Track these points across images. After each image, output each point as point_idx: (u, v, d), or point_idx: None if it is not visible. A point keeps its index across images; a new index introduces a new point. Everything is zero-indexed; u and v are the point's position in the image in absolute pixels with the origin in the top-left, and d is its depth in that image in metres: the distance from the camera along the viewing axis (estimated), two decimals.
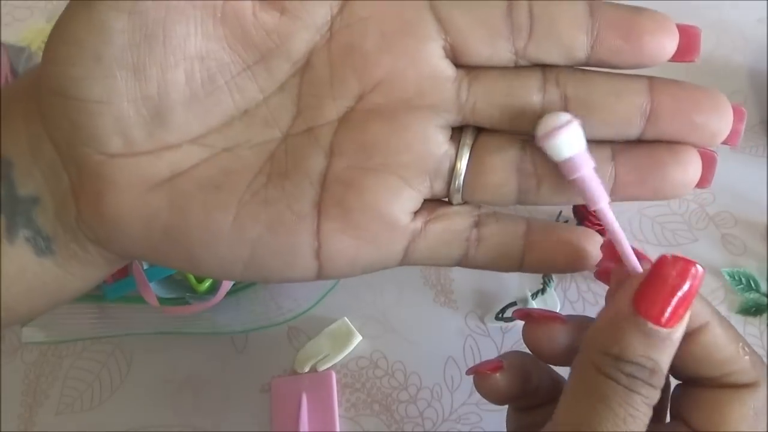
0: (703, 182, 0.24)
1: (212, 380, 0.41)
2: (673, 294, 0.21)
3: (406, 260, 0.25)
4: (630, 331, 0.21)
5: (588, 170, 0.22)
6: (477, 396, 0.39)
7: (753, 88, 0.45)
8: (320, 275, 0.24)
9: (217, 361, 0.41)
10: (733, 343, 0.22)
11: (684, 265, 0.21)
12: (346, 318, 0.41)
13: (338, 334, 0.40)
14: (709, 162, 0.24)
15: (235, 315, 0.41)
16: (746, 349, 0.23)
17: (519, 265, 0.25)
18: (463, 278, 0.42)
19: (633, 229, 0.42)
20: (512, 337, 0.40)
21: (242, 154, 0.24)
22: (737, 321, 0.39)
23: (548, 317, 0.25)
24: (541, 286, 0.40)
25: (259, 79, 0.23)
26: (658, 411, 0.22)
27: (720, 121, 0.23)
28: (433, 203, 0.25)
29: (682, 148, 0.23)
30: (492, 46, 0.23)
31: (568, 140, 0.22)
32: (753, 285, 0.40)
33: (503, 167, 0.24)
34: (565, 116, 0.22)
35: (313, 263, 0.24)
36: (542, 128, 0.22)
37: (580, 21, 0.22)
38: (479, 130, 0.24)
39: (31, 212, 0.23)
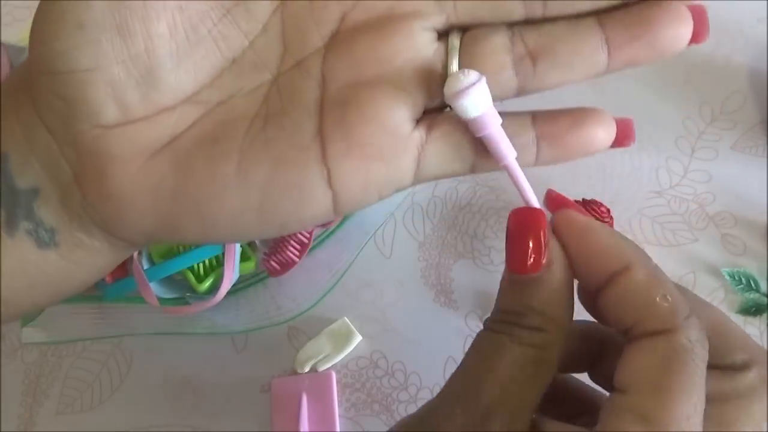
0: (697, 36, 0.24)
1: (212, 380, 0.41)
2: (517, 241, 0.22)
3: (419, 174, 0.24)
4: (505, 286, 0.23)
5: (495, 128, 0.23)
6: None
7: (753, 88, 0.45)
8: (337, 207, 0.24)
9: (217, 361, 0.41)
10: (652, 289, 0.21)
11: (520, 212, 0.22)
12: (346, 318, 0.41)
13: (338, 334, 0.40)
14: (699, 15, 0.24)
15: (235, 315, 0.41)
16: (669, 297, 0.21)
17: (534, 160, 0.24)
18: (463, 278, 0.42)
19: (633, 229, 0.42)
20: None
21: (237, 103, 0.24)
22: (737, 321, 0.39)
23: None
24: None
25: (241, 23, 0.24)
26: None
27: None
28: (434, 113, 0.24)
29: (672, 5, 0.23)
30: None
31: (475, 100, 0.22)
32: (753, 285, 0.40)
33: (494, 53, 0.23)
34: (473, 75, 0.22)
35: (327, 193, 0.23)
36: (449, 88, 0.22)
37: None
38: (465, 30, 0.24)
39: (31, 204, 0.23)
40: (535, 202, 0.23)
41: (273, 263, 0.39)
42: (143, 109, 0.23)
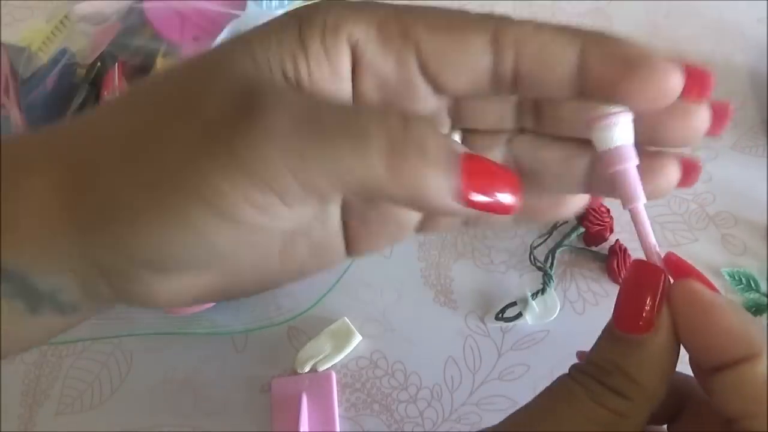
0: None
1: (212, 380, 0.41)
2: (628, 297, 0.21)
3: (419, 232, 0.27)
4: (602, 339, 0.21)
5: (632, 165, 0.22)
6: (477, 396, 0.39)
7: (753, 88, 0.45)
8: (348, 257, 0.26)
9: (217, 361, 0.41)
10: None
11: (641, 267, 0.21)
12: (346, 318, 0.41)
13: (338, 334, 0.40)
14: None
15: (235, 315, 0.41)
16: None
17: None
18: (463, 278, 0.42)
19: (633, 230, 0.42)
20: (512, 337, 0.40)
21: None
22: None
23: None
24: (541, 286, 0.40)
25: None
26: None
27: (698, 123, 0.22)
28: None
29: (660, 159, 0.23)
30: (475, 90, 0.22)
31: (621, 129, 0.21)
32: (753, 285, 0.40)
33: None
34: (618, 107, 0.21)
35: (345, 255, 0.26)
36: (596, 112, 0.21)
37: (567, 78, 0.21)
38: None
39: (55, 297, 0.22)
40: (656, 253, 0.22)
41: None
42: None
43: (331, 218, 0.25)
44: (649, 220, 0.22)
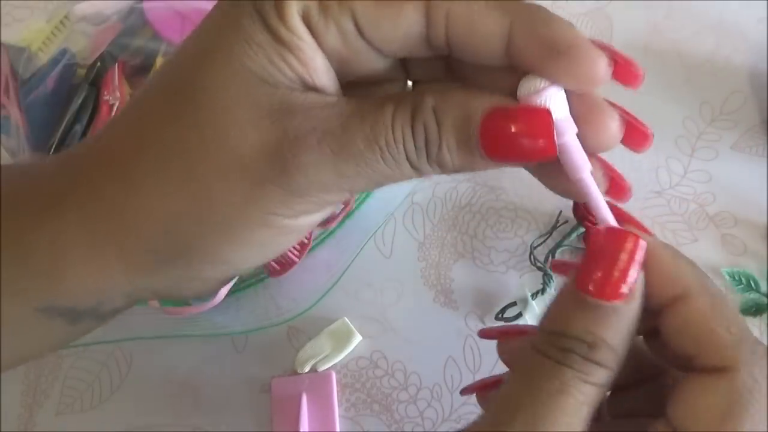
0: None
1: (212, 380, 0.41)
2: (609, 265, 0.20)
3: None
4: (570, 307, 0.20)
5: (571, 136, 0.21)
6: None
7: (753, 88, 0.45)
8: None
9: (217, 361, 0.41)
10: (716, 318, 0.20)
11: (619, 234, 0.20)
12: (346, 318, 0.41)
13: (338, 334, 0.40)
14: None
15: (235, 315, 0.41)
16: (733, 329, 0.20)
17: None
18: (463, 278, 0.42)
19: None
20: None
21: None
22: None
23: (510, 332, 0.24)
24: (541, 286, 0.40)
25: None
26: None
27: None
28: None
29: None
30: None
31: (552, 104, 0.20)
32: (753, 285, 0.40)
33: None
34: (545, 80, 0.21)
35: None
36: (524, 89, 0.21)
37: (497, 53, 0.21)
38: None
39: (98, 309, 0.24)
40: (613, 221, 0.21)
41: (273, 263, 0.39)
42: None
43: None
44: (599, 191, 0.22)
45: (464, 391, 0.26)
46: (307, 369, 0.40)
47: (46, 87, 0.42)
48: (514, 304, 0.40)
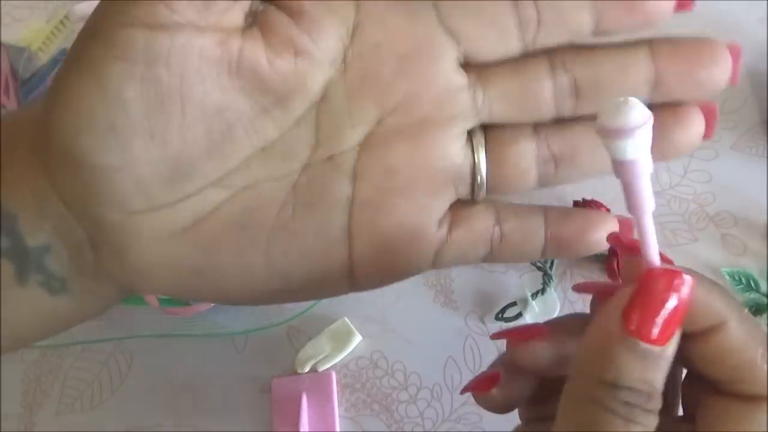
0: (707, 133, 0.24)
1: (212, 380, 0.41)
2: (661, 309, 0.19)
3: (434, 265, 0.25)
4: (623, 354, 0.19)
5: (646, 177, 0.20)
6: None
7: (753, 88, 0.45)
8: (352, 290, 0.25)
9: (217, 361, 0.41)
10: (752, 347, 0.20)
11: (671, 276, 0.20)
12: (346, 318, 0.41)
13: (338, 334, 0.40)
14: (711, 114, 0.24)
15: (234, 315, 0.41)
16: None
17: (541, 255, 0.25)
18: (463, 278, 0.42)
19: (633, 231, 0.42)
20: None
21: (263, 189, 0.23)
22: None
23: (528, 334, 0.23)
24: (541, 286, 0.40)
25: (276, 119, 0.23)
26: (669, 403, 0.21)
27: (721, 71, 0.23)
28: (455, 205, 0.25)
29: (684, 110, 0.23)
30: (504, 45, 0.23)
31: (638, 142, 0.19)
32: (753, 285, 0.40)
33: (523, 158, 0.24)
34: (640, 114, 0.19)
35: (346, 283, 0.24)
36: (610, 120, 0.19)
37: (584, 2, 0.23)
38: (487, 126, 0.25)
39: (42, 259, 0.23)
40: (655, 260, 0.21)
41: None
42: (167, 198, 0.22)
43: (331, 223, 0.24)
44: (655, 233, 0.21)
45: (463, 390, 0.26)
46: (307, 369, 0.40)
47: (46, 87, 0.43)
48: (514, 304, 0.40)
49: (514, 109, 0.24)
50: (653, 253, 0.20)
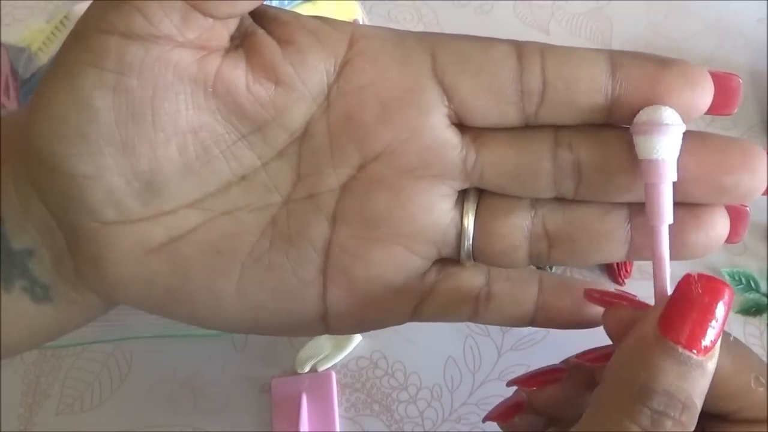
0: (732, 237, 0.22)
1: (212, 380, 0.41)
2: (703, 315, 0.18)
3: (414, 318, 0.24)
4: (659, 357, 0.18)
5: (668, 182, 0.20)
6: (477, 396, 0.39)
7: (753, 88, 0.45)
8: (326, 333, 0.24)
9: (217, 361, 0.41)
10: (743, 373, 0.20)
11: (714, 284, 0.19)
12: None
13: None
14: (739, 217, 0.22)
15: None
16: (762, 379, 0.19)
17: (530, 323, 0.24)
18: None
19: None
20: (512, 337, 0.40)
21: (242, 218, 0.23)
22: (737, 321, 0.39)
23: (545, 380, 0.23)
24: None
25: (256, 147, 0.23)
26: None
27: (753, 179, 0.21)
28: (443, 261, 0.24)
29: (705, 211, 0.22)
30: (500, 113, 0.21)
31: (667, 141, 0.19)
32: (753, 285, 0.40)
33: (513, 232, 0.23)
34: (673, 116, 0.20)
35: (320, 325, 0.24)
36: (647, 116, 0.20)
37: (599, 83, 0.21)
38: (482, 190, 0.23)
39: (26, 263, 0.23)
40: (668, 281, 0.21)
41: None
42: (142, 212, 0.22)
43: (306, 262, 0.23)
44: (668, 245, 0.20)
45: (486, 419, 0.26)
46: (307, 369, 0.40)
47: None
48: None
49: (508, 179, 0.22)
50: (665, 268, 0.20)
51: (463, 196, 0.23)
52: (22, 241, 0.23)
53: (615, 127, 0.22)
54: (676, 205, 0.21)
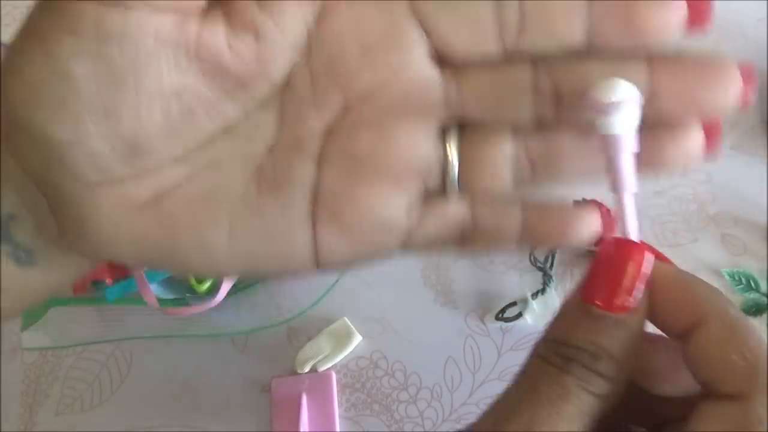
0: (709, 148, 0.23)
1: (212, 380, 0.41)
2: (616, 276, 0.20)
3: (404, 249, 0.25)
4: (574, 317, 0.20)
5: (628, 154, 0.21)
6: (477, 396, 0.39)
7: None
8: (318, 271, 0.25)
9: (217, 361, 0.41)
10: (729, 345, 0.20)
11: (625, 246, 0.20)
12: (346, 318, 0.41)
13: (338, 334, 0.40)
14: (713, 131, 0.23)
15: (235, 316, 0.41)
16: (748, 355, 0.19)
17: (516, 246, 0.24)
18: (463, 278, 0.42)
19: None
20: (512, 337, 0.40)
21: (227, 168, 0.23)
22: None
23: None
24: (541, 286, 0.40)
25: (239, 101, 0.23)
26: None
27: (726, 93, 0.22)
28: (429, 194, 0.25)
29: (681, 129, 0.22)
30: (479, 44, 0.22)
31: (624, 117, 0.20)
32: (753, 285, 0.40)
33: (496, 158, 0.23)
34: (627, 90, 0.20)
35: (311, 263, 0.24)
36: (600, 95, 0.20)
37: (575, 9, 0.21)
38: (463, 125, 0.24)
39: (8, 228, 0.23)
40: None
41: None
42: (126, 172, 0.22)
43: (294, 205, 0.23)
44: (635, 213, 0.22)
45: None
46: (307, 369, 0.40)
47: None
48: (514, 304, 0.40)
49: (490, 106, 0.23)
50: (632, 234, 0.21)
51: (444, 130, 0.24)
52: (2, 207, 0.22)
53: (594, 56, 0.22)
54: (652, 125, 0.22)
